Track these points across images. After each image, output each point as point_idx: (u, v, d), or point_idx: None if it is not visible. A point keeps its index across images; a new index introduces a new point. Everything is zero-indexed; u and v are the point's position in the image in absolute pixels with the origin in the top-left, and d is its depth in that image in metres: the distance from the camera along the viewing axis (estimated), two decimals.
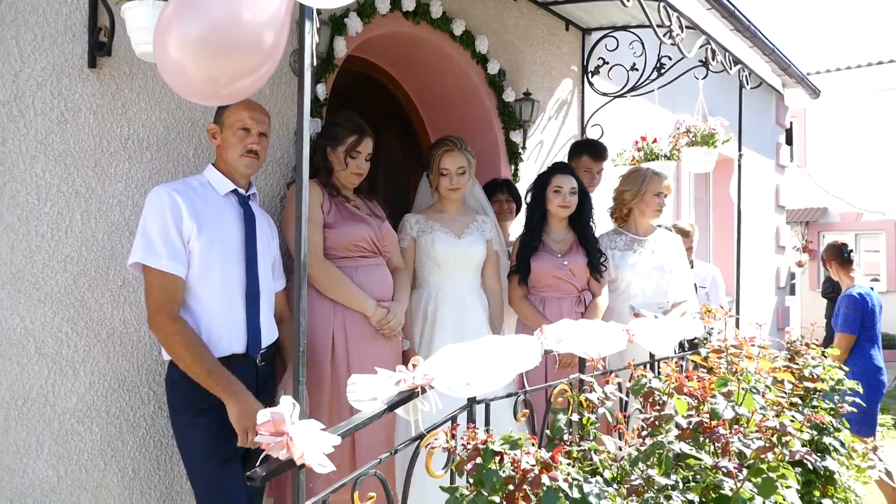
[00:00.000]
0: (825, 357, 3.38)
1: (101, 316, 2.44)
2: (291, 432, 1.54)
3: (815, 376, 3.08)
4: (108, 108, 2.47)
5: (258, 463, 1.54)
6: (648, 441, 1.95)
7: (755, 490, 1.77)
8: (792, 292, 10.85)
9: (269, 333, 2.42)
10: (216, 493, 2.21)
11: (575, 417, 2.27)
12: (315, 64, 3.08)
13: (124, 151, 2.51)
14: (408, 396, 1.86)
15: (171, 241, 2.20)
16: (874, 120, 13.35)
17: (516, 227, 3.88)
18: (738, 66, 4.06)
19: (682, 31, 3.46)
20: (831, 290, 9.66)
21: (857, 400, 3.31)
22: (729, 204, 7.90)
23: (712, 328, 3.53)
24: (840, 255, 4.68)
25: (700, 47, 3.69)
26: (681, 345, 3.32)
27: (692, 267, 4.47)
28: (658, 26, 3.30)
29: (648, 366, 2.73)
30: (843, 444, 3.02)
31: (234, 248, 2.34)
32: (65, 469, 2.33)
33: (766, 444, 1.81)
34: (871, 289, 4.71)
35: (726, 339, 2.81)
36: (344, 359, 2.71)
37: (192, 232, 2.24)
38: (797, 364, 3.00)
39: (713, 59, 3.64)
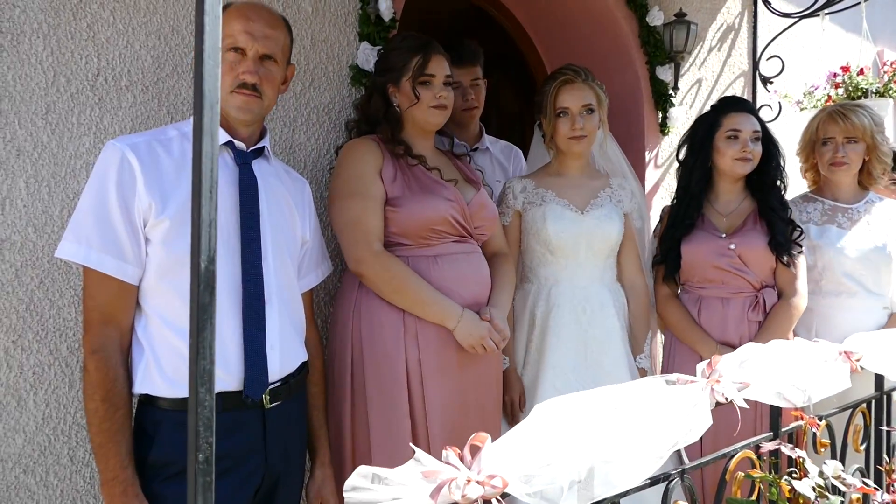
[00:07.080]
0: None
1: (59, 325, 1.73)
2: None
3: None
4: (66, 30, 1.74)
5: None
6: None
7: None
8: None
9: (287, 358, 1.61)
10: None
11: None
12: None
13: (92, 92, 1.78)
14: None
15: (112, 227, 1.44)
16: None
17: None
18: None
19: None
20: None
21: None
22: None
23: None
24: None
25: None
26: None
27: None
28: None
29: None
30: None
31: (224, 231, 1.55)
32: None
33: None
34: None
35: None
36: (419, 394, 1.87)
37: (149, 209, 1.46)
38: None
39: None
